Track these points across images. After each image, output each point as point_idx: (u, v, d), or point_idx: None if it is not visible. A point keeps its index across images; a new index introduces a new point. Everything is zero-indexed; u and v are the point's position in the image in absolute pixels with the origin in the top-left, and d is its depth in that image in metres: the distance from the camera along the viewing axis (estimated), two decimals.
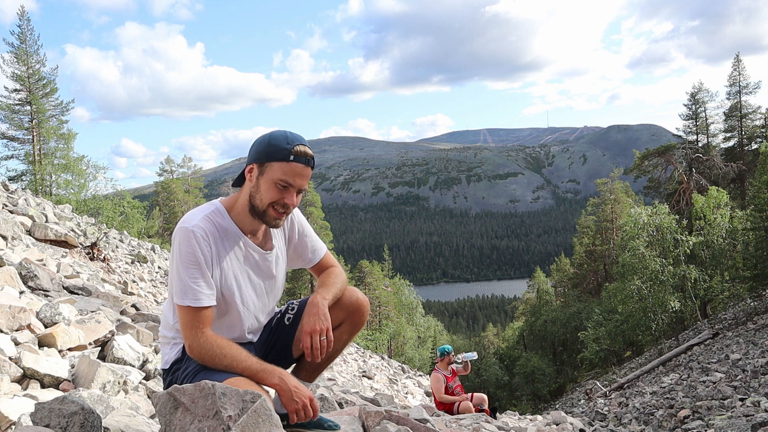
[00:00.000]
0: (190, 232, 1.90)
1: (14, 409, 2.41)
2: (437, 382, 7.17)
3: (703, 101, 34.95)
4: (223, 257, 1.98)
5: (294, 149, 1.91)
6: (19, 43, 26.08)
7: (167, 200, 37.30)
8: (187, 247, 1.89)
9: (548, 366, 36.16)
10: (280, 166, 1.91)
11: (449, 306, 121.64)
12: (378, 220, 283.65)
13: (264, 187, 1.94)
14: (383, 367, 19.87)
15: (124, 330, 4.19)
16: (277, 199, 1.94)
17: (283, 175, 1.91)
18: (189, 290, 1.88)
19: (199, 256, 1.89)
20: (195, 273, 1.89)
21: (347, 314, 2.22)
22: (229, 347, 1.90)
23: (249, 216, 2.01)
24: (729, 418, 6.62)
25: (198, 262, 1.89)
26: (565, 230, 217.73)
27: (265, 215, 1.98)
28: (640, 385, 15.82)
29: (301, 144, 1.93)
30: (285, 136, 1.93)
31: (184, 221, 1.94)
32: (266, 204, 1.95)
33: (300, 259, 2.28)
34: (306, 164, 1.94)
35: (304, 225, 2.27)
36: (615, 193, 40.46)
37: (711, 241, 24.09)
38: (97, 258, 9.04)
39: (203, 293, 1.90)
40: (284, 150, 1.90)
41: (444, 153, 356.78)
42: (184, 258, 1.89)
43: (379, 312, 38.29)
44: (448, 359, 7.42)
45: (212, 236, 1.95)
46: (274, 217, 1.98)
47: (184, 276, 1.89)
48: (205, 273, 1.91)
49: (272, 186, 1.93)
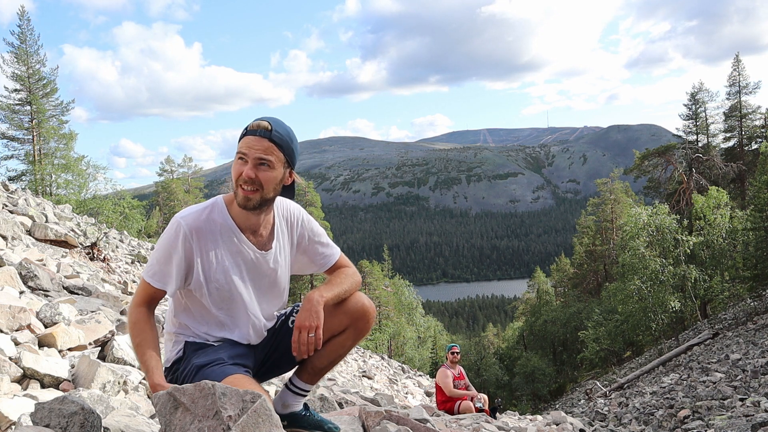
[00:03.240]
0: (177, 223, 1.99)
1: (14, 409, 2.41)
2: (446, 377, 7.17)
3: (703, 101, 34.98)
4: (210, 250, 2.01)
5: (250, 124, 1.95)
6: (19, 43, 26.11)
7: (167, 200, 37.32)
8: (167, 234, 2.00)
9: (548, 366, 36.17)
10: (239, 144, 1.96)
11: (449, 306, 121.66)
12: (378, 220, 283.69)
13: (232, 167, 2.00)
14: (383, 367, 19.87)
15: (124, 330, 4.19)
16: (238, 175, 1.95)
17: (239, 149, 1.95)
18: (151, 268, 2.02)
19: (171, 246, 1.98)
20: (162, 257, 1.99)
21: (352, 320, 2.19)
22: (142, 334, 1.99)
23: (243, 211, 2.02)
24: (729, 418, 6.62)
25: (169, 251, 1.98)
26: (565, 230, 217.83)
27: (237, 196, 1.99)
28: (640, 385, 15.82)
29: (260, 120, 1.96)
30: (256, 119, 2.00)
31: (180, 213, 2.04)
32: (235, 183, 1.99)
33: (312, 264, 2.27)
34: (259, 136, 1.92)
35: (315, 230, 2.25)
36: (615, 193, 40.48)
37: (711, 241, 24.10)
38: (97, 258, 9.04)
39: (161, 276, 2.00)
40: (244, 129, 1.97)
41: (444, 153, 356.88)
42: (162, 242, 2.01)
43: (379, 312, 38.27)
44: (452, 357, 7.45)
45: (198, 232, 1.99)
46: (242, 196, 1.96)
47: (155, 255, 2.01)
48: (170, 262, 1.98)
49: (234, 164, 1.98)
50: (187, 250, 1.97)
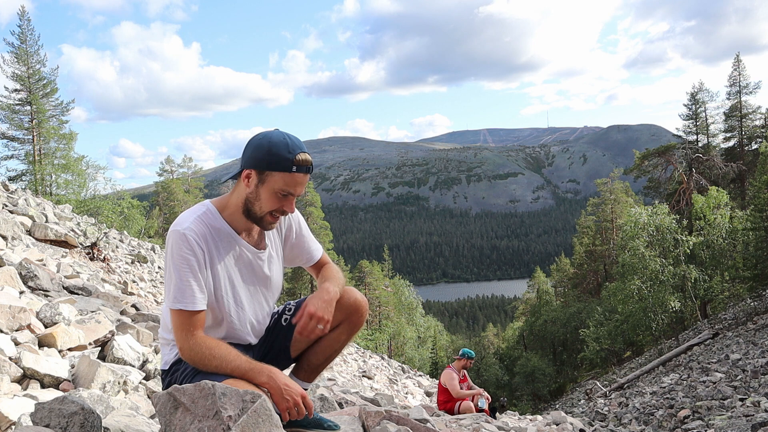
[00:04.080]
0: (182, 234, 1.89)
1: (14, 409, 2.41)
2: (452, 379, 7.23)
3: (703, 101, 34.97)
4: (215, 258, 1.97)
5: (296, 158, 1.87)
6: (20, 43, 26.09)
7: (167, 200, 37.29)
8: (179, 250, 1.88)
9: (548, 366, 36.17)
10: (282, 177, 1.88)
11: (449, 306, 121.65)
12: (378, 220, 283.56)
13: (264, 195, 1.92)
14: (383, 367, 19.86)
15: (124, 330, 4.19)
16: (277, 208, 1.94)
17: (285, 186, 1.90)
18: (181, 293, 1.88)
19: (191, 260, 1.88)
20: (187, 276, 1.88)
21: (346, 315, 2.21)
22: (218, 348, 1.89)
23: (242, 217, 2.00)
24: (729, 418, 6.62)
25: (190, 265, 1.88)
26: (565, 230, 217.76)
27: (262, 221, 1.98)
28: (640, 385, 15.82)
29: (302, 152, 1.89)
30: (286, 143, 1.88)
31: (176, 224, 1.94)
32: (266, 212, 1.95)
33: (298, 258, 2.27)
34: (306, 172, 1.92)
35: (302, 225, 2.25)
36: (615, 193, 40.49)
37: (711, 241, 24.09)
38: (97, 258, 9.03)
39: (196, 296, 1.89)
40: (286, 160, 1.87)
41: (444, 153, 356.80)
42: (176, 261, 1.88)
43: (379, 312, 38.30)
44: (464, 363, 7.49)
45: (204, 238, 1.93)
46: (270, 222, 1.99)
47: (176, 279, 1.88)
48: (197, 276, 1.90)
49: (273, 195, 1.91)
50: (199, 259, 1.91)
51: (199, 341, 1.89)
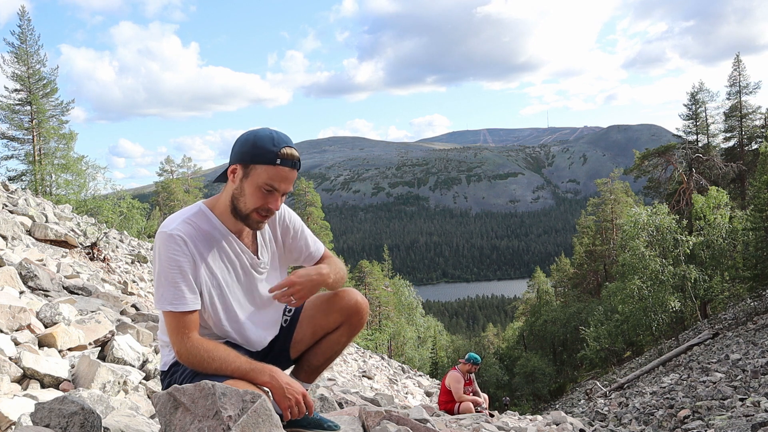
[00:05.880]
0: (170, 236, 1.85)
1: (14, 409, 2.41)
2: (458, 381, 7.26)
3: (703, 101, 35.00)
4: (206, 259, 1.93)
5: (281, 152, 1.83)
6: (20, 43, 26.09)
7: (167, 200, 37.32)
8: (166, 251, 1.84)
9: (548, 366, 36.20)
10: (266, 170, 1.84)
11: (449, 306, 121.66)
12: (378, 220, 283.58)
13: (249, 190, 1.87)
14: (383, 367, 19.86)
15: (124, 330, 4.19)
16: (261, 204, 1.89)
17: (268, 179, 1.84)
18: (171, 294, 1.85)
19: (179, 260, 1.85)
20: (176, 277, 1.85)
21: (346, 317, 2.18)
22: (217, 349, 1.86)
23: (231, 216, 1.97)
24: (729, 418, 6.62)
25: (179, 265, 1.85)
26: (565, 230, 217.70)
27: (248, 219, 1.93)
28: (640, 385, 15.82)
29: (287, 146, 1.85)
30: (271, 136, 1.85)
31: (163, 226, 1.91)
32: (250, 208, 1.90)
33: (295, 260, 2.24)
34: (292, 167, 1.86)
35: (298, 225, 2.20)
36: (615, 193, 40.51)
37: (711, 241, 24.10)
38: (97, 258, 9.03)
39: (186, 297, 1.85)
40: (270, 152, 1.82)
41: (444, 153, 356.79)
42: (164, 263, 1.85)
43: (379, 312, 38.29)
44: (470, 368, 7.51)
45: (192, 239, 1.89)
46: (257, 221, 1.93)
47: (164, 281, 1.85)
48: (186, 277, 1.86)
49: (257, 190, 1.86)
50: (187, 260, 1.88)
51: (196, 343, 1.85)
